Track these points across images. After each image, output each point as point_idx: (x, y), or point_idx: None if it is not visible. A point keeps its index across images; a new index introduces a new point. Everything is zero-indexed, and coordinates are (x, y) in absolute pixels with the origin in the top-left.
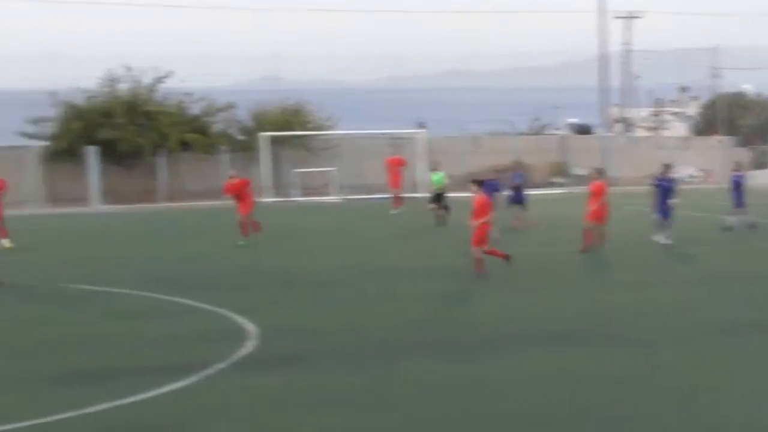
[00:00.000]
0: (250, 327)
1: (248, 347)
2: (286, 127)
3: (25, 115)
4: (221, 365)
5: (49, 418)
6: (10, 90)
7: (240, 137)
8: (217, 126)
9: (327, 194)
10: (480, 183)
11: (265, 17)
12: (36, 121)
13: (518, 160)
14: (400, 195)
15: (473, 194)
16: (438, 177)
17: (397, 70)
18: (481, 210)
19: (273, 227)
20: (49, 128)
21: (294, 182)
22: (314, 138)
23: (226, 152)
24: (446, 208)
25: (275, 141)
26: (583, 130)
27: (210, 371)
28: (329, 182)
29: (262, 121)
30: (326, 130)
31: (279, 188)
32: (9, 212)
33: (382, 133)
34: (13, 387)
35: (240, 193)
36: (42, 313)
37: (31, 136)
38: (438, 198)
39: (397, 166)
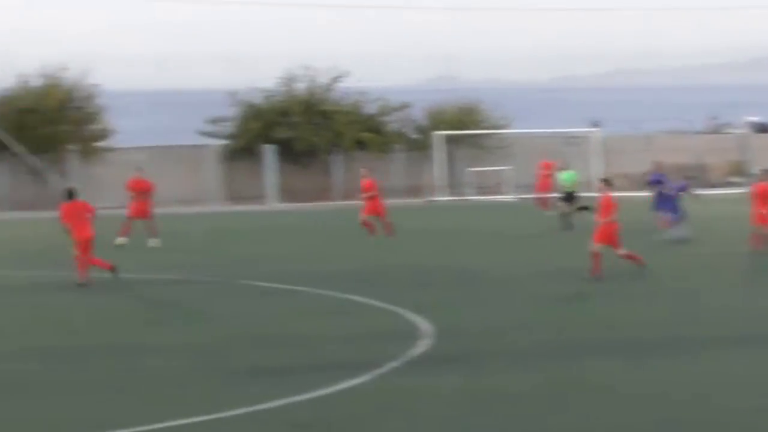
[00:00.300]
0: (424, 326)
1: (423, 346)
2: (460, 126)
3: (205, 115)
4: (396, 363)
5: (226, 413)
6: (191, 90)
7: (414, 136)
8: (392, 125)
9: (501, 193)
10: (609, 182)
11: (441, 16)
12: (215, 121)
13: (658, 161)
14: (546, 197)
15: (601, 193)
16: (568, 176)
17: (571, 68)
18: (608, 209)
19: (448, 226)
20: (228, 127)
21: (468, 181)
22: (489, 137)
23: (401, 151)
24: (586, 208)
25: (450, 140)
26: (764, 128)
27: (384, 369)
28: (503, 181)
29: (437, 120)
30: (500, 128)
31: (453, 187)
32: (191, 209)
33: (556, 132)
34: (193, 382)
35: (368, 192)
36: (221, 310)
37: (210, 135)
38: (569, 198)
39: (549, 170)
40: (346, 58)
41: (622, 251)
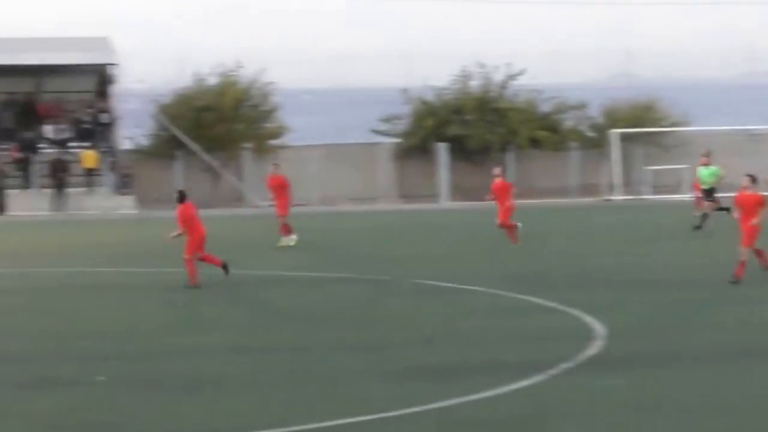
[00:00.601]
0: (597, 327)
1: (595, 347)
2: (637, 124)
3: (378, 113)
4: (568, 364)
5: (397, 412)
6: (366, 88)
7: (590, 134)
8: (567, 123)
9: (679, 192)
10: (755, 179)
11: (619, 11)
12: (389, 119)
13: None
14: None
15: (745, 191)
16: (709, 172)
17: (755, 63)
18: (755, 208)
19: (623, 226)
20: (402, 125)
21: (645, 180)
22: (666, 134)
23: (576, 149)
24: (726, 209)
25: (626, 138)
26: None
27: (556, 370)
28: (682, 180)
29: (613, 117)
30: (679, 126)
31: (629, 186)
32: (364, 208)
33: (738, 130)
34: (365, 380)
35: (499, 195)
36: (395, 309)
37: (383, 134)
38: (710, 195)
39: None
40: (521, 55)
41: (747, 254)
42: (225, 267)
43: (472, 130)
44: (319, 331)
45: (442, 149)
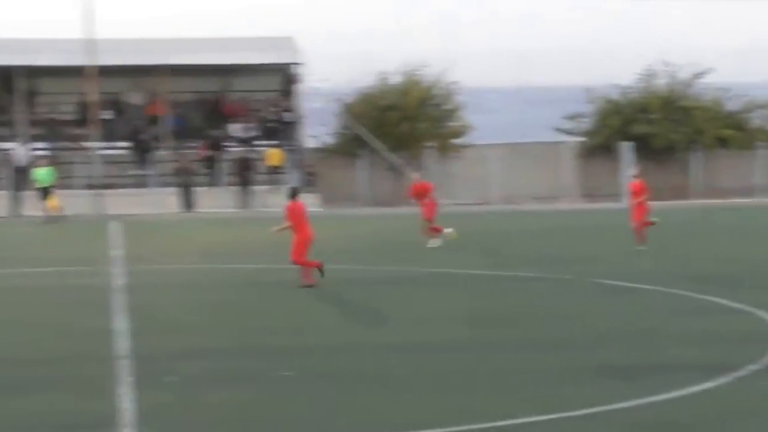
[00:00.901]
0: None
1: None
2: None
3: (561, 111)
4: (755, 366)
5: (579, 412)
6: (549, 86)
7: None
8: (754, 122)
9: None
10: None
11: None
12: (572, 117)
13: None
14: None
15: None
16: None
17: None
18: None
19: None
20: (586, 124)
21: None
22: None
23: (763, 148)
24: None
25: None
26: None
27: (741, 372)
28: None
29: None
30: None
31: None
32: (546, 207)
33: None
34: (546, 379)
35: (637, 195)
36: (575, 308)
37: (568, 132)
38: None
39: None
40: (708, 52)
41: None
42: (320, 269)
43: (658, 129)
44: (499, 329)
45: (626, 148)
